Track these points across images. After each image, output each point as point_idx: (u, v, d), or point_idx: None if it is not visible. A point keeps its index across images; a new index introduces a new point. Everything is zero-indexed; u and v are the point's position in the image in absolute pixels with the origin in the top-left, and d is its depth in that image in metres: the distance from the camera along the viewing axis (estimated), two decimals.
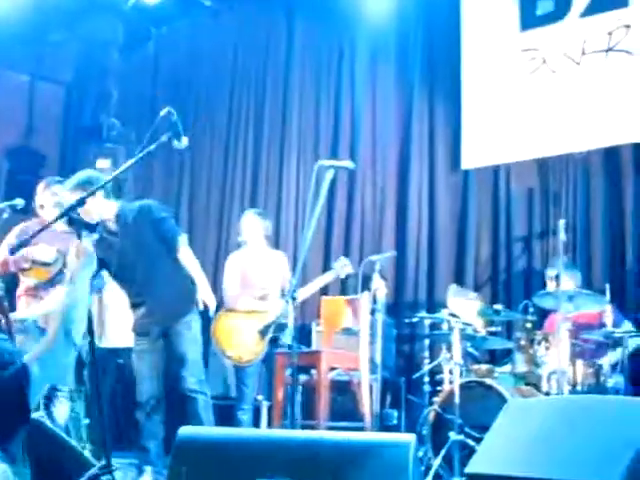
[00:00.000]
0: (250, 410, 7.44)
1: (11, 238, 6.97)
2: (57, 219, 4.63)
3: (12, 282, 7.00)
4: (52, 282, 6.95)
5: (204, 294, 6.38)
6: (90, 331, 3.59)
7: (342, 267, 7.55)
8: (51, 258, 6.98)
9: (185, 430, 3.72)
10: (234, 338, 7.40)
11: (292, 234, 9.71)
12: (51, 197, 7.08)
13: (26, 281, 6.97)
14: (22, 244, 6.66)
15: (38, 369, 3.17)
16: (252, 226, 7.89)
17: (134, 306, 6.59)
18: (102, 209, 6.40)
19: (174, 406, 6.49)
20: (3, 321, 4.72)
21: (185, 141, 5.15)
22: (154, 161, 10.47)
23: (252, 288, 7.66)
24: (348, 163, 5.77)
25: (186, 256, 6.42)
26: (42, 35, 9.78)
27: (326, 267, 9.13)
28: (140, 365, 6.55)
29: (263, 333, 7.30)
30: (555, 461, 2.71)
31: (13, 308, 7.16)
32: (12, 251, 6.69)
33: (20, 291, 7.03)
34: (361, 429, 7.11)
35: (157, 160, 10.49)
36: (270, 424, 7.40)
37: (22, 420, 3.18)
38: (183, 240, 6.45)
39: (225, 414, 7.58)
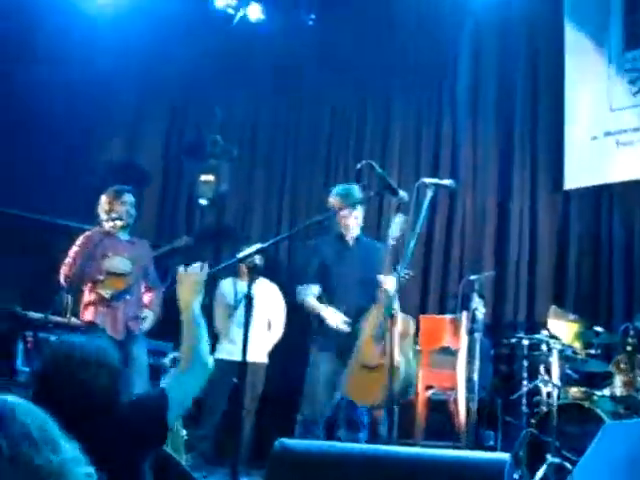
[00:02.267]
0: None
1: (75, 248, 7.10)
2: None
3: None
4: (128, 291, 7.09)
5: None
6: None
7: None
8: (126, 269, 7.12)
9: (281, 442, 3.76)
10: None
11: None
12: (122, 206, 7.22)
13: (98, 292, 7.09)
14: (91, 256, 6.82)
15: (176, 392, 3.27)
16: None
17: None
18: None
19: None
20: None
21: (402, 193, 5.24)
22: (254, 183, 10.63)
23: None
24: (449, 182, 5.80)
25: None
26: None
27: (425, 286, 9.15)
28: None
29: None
30: None
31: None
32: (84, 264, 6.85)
33: (89, 300, 7.11)
34: (457, 449, 7.09)
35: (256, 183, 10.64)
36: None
37: (158, 442, 3.26)
38: None
39: None
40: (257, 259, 5.85)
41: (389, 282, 6.06)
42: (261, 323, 8.31)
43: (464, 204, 9.40)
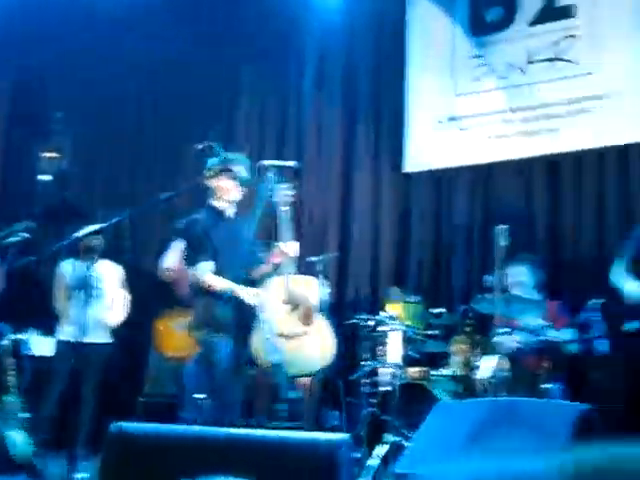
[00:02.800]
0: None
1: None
2: None
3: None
4: None
5: None
6: None
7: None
8: None
9: (117, 425, 3.70)
10: None
11: None
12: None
13: None
14: None
15: None
16: None
17: None
18: None
19: None
20: None
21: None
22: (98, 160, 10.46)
23: None
24: (291, 163, 5.78)
25: None
26: None
27: None
28: None
29: None
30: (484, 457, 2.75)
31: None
32: None
33: None
34: (301, 429, 7.11)
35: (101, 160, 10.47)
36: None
37: None
38: None
39: None
40: (94, 239, 5.71)
41: (291, 247, 6.02)
42: (103, 304, 8.16)
43: (308, 186, 9.44)
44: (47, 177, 9.81)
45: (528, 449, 2.63)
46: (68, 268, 8.26)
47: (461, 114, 8.74)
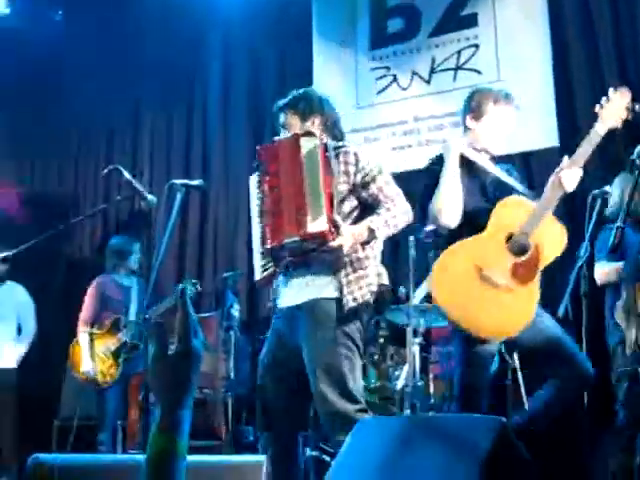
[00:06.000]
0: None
1: None
2: None
3: None
4: None
5: None
6: None
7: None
8: None
9: (35, 457, 3.63)
10: None
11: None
12: None
13: None
14: None
15: None
16: None
17: None
18: None
19: None
20: None
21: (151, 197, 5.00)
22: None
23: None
24: (198, 182, 5.73)
25: None
26: None
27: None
28: None
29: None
30: None
31: None
32: None
33: None
34: (218, 447, 7.08)
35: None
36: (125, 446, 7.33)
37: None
38: None
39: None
40: (1, 266, 5.64)
41: None
42: (8, 328, 8.05)
43: (216, 204, 9.42)
44: None
45: (447, 466, 2.64)
46: None
47: (364, 126, 8.76)
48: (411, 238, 6.36)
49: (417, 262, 6.39)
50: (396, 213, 4.52)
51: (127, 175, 4.96)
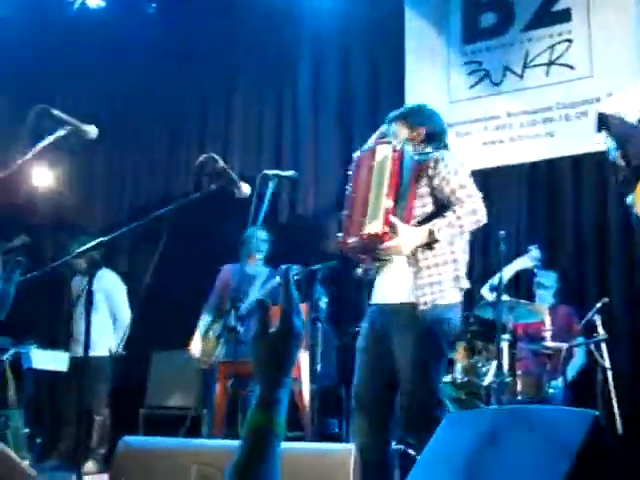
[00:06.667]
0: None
1: None
2: None
3: None
4: None
5: None
6: None
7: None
8: None
9: (125, 440, 3.69)
10: None
11: None
12: None
13: None
14: None
15: None
16: None
17: None
18: None
19: None
20: None
21: (245, 186, 5.00)
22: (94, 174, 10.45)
23: None
24: (290, 173, 5.78)
25: None
26: None
27: None
28: None
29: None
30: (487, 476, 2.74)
31: None
32: None
33: None
34: (302, 438, 7.10)
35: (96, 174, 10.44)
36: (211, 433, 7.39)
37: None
38: None
39: None
40: (96, 253, 5.69)
41: None
42: (104, 316, 8.18)
43: (307, 194, 9.46)
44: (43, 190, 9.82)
45: (538, 458, 2.62)
46: (75, 283, 8.32)
47: (456, 120, 8.71)
48: (501, 232, 6.33)
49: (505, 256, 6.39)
50: (461, 214, 4.66)
51: (222, 163, 4.98)
